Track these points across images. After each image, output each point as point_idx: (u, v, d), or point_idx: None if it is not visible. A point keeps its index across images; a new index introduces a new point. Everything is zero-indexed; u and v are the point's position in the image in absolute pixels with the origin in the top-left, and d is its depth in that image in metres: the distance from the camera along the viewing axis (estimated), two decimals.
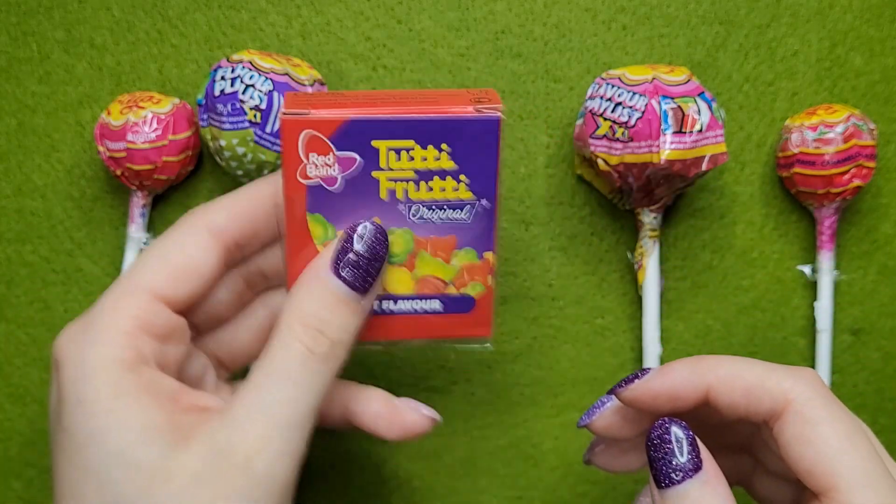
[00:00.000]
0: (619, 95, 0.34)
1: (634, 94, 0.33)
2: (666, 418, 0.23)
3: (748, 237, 0.38)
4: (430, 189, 0.24)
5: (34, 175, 0.39)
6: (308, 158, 0.24)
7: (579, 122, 0.36)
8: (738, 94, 0.38)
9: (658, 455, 0.22)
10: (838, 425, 0.21)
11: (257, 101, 0.34)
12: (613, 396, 0.25)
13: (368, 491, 0.38)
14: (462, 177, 0.24)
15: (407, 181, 0.24)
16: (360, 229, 0.24)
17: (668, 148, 0.32)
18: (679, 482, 0.21)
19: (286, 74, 0.34)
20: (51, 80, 0.39)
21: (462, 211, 0.24)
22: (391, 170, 0.24)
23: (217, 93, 0.34)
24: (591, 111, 0.34)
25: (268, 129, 0.34)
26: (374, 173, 0.24)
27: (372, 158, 0.24)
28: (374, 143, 0.24)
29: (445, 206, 0.24)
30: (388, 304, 0.26)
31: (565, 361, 0.38)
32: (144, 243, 0.37)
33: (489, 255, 0.26)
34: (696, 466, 0.22)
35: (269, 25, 0.39)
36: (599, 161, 0.34)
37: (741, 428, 0.26)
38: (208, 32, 0.39)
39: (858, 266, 0.38)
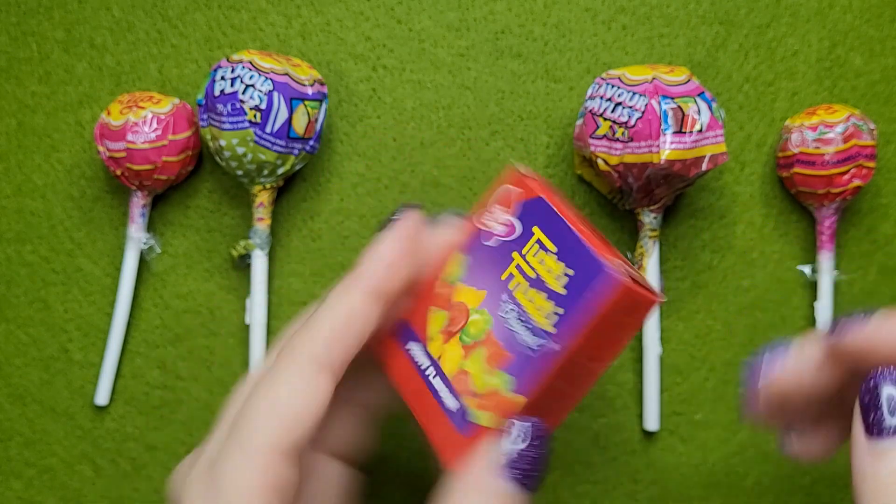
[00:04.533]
0: (619, 95, 0.34)
1: (634, 94, 0.33)
2: (890, 367, 0.21)
3: (748, 237, 0.38)
4: (531, 300, 0.24)
5: (34, 175, 0.39)
6: (492, 209, 0.26)
7: (579, 122, 0.36)
8: (738, 94, 0.38)
9: (875, 404, 0.21)
10: None
11: (257, 101, 0.34)
12: (784, 348, 0.23)
13: (368, 491, 0.38)
14: (559, 309, 0.23)
15: (524, 278, 0.24)
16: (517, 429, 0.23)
17: (668, 148, 0.32)
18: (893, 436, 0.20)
19: (286, 74, 0.34)
20: (51, 80, 0.39)
21: (536, 339, 0.23)
22: (524, 260, 0.24)
23: (217, 93, 0.34)
24: (591, 111, 0.34)
25: (268, 129, 0.34)
26: (514, 252, 0.25)
27: (524, 238, 0.24)
28: (535, 228, 0.24)
29: (529, 325, 0.23)
30: (430, 370, 0.25)
31: None
32: (144, 243, 0.37)
33: (520, 399, 0.23)
34: None
35: (269, 25, 0.39)
36: (599, 161, 0.34)
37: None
38: (208, 32, 0.39)
39: (858, 266, 0.38)
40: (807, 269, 0.38)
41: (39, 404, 0.39)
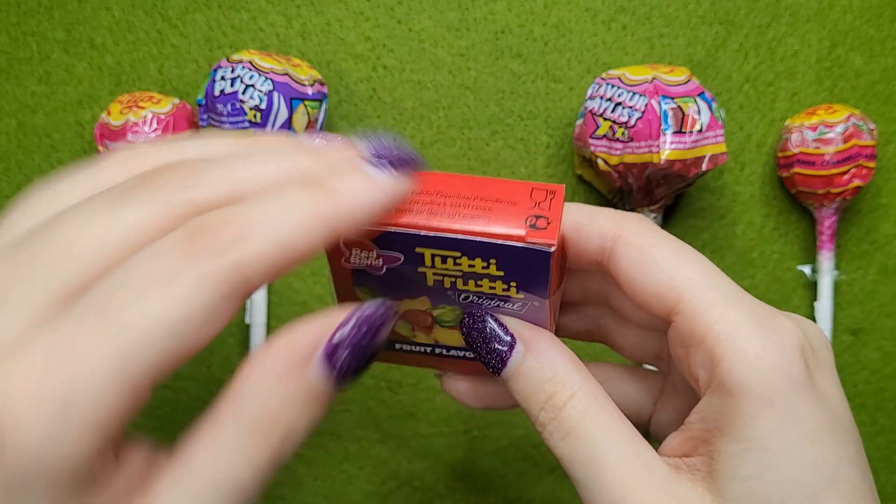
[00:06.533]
0: (619, 95, 0.34)
1: (634, 94, 0.33)
2: (463, 316, 0.23)
3: (748, 237, 0.38)
4: (479, 285, 0.23)
5: (34, 175, 0.39)
6: (350, 252, 0.22)
7: (579, 122, 0.36)
8: (738, 94, 0.38)
9: (479, 351, 0.22)
10: (668, 244, 0.21)
11: (257, 101, 0.34)
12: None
13: (368, 491, 0.38)
14: (512, 283, 0.22)
15: (454, 277, 0.23)
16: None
17: (668, 148, 0.32)
18: (505, 365, 0.22)
19: (286, 74, 0.34)
20: (51, 80, 0.39)
21: (514, 304, 0.23)
22: (436, 268, 0.22)
23: (217, 93, 0.34)
24: (591, 111, 0.34)
25: (268, 129, 0.34)
26: (420, 269, 0.23)
27: (416, 259, 0.22)
28: (419, 249, 0.22)
29: (496, 298, 0.23)
30: (441, 350, 0.26)
31: None
32: None
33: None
34: (511, 342, 0.22)
35: (269, 25, 0.39)
36: (599, 161, 0.34)
37: (591, 278, 0.25)
38: (208, 32, 0.39)
39: (858, 266, 0.38)
40: (807, 269, 0.38)
41: None
